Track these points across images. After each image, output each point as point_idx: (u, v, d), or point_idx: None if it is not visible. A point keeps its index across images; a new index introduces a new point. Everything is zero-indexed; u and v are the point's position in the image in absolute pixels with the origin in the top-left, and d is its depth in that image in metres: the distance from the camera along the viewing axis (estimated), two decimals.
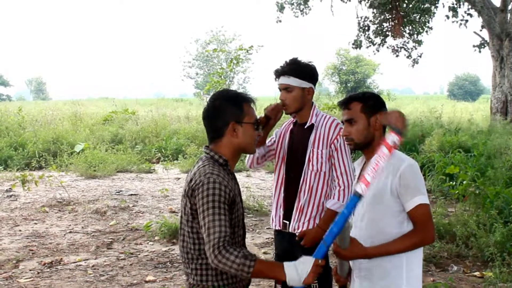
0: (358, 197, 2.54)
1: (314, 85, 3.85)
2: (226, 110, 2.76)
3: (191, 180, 2.72)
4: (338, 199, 3.70)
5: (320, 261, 2.54)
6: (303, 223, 3.76)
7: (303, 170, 3.76)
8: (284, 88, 3.75)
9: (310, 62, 3.83)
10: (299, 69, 3.75)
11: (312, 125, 3.81)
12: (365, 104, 2.95)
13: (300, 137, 3.84)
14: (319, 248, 2.58)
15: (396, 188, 2.79)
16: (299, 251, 3.55)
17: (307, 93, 3.78)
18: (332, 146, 3.73)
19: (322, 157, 3.72)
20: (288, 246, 3.83)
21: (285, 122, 4.07)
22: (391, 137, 2.60)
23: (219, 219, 2.55)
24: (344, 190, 3.69)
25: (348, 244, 2.78)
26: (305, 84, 3.75)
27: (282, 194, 3.89)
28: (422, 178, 2.86)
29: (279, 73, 3.78)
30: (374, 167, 2.56)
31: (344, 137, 3.04)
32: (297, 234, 3.77)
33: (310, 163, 3.74)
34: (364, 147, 2.99)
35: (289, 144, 3.89)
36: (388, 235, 2.82)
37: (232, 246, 2.52)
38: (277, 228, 3.93)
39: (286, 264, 2.52)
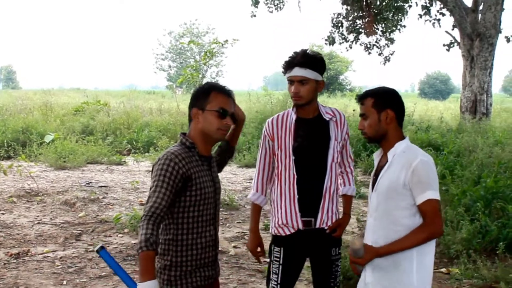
0: None
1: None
2: (194, 97, 2.99)
3: None
4: (350, 184, 3.88)
5: None
6: (331, 216, 3.66)
7: (327, 163, 3.63)
8: (299, 80, 3.56)
9: (319, 54, 3.67)
10: (315, 61, 3.58)
11: (319, 117, 3.66)
12: (376, 100, 3.05)
13: (310, 131, 3.66)
14: None
15: (409, 182, 2.91)
16: (330, 244, 3.68)
17: (319, 86, 3.63)
18: (346, 136, 3.73)
19: (338, 148, 3.67)
20: (317, 241, 3.67)
21: (268, 124, 3.78)
22: None
23: (159, 191, 2.73)
24: (352, 173, 3.89)
25: (362, 252, 2.97)
26: (319, 77, 3.60)
27: (296, 195, 3.63)
28: (435, 173, 2.97)
29: (293, 64, 3.56)
30: None
31: (360, 131, 3.13)
32: (326, 228, 3.64)
33: (331, 155, 3.63)
34: (378, 140, 3.11)
35: (299, 142, 3.65)
36: (401, 226, 2.94)
37: (155, 222, 2.67)
38: (295, 230, 3.66)
39: (149, 283, 2.59)
